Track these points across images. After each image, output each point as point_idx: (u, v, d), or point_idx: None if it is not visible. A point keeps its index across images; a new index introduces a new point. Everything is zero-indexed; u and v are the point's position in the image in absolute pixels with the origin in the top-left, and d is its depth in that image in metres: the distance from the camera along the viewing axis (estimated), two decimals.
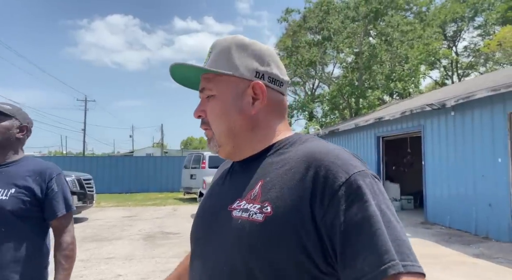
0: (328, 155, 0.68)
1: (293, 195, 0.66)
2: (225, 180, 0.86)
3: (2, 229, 1.45)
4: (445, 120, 7.97)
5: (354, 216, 0.61)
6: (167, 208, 11.95)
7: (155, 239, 6.92)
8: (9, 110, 1.56)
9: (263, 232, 0.66)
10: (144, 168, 18.18)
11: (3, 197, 1.47)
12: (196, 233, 0.84)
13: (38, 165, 1.59)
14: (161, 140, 44.53)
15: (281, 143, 0.78)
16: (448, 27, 26.88)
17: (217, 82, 0.80)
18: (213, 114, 0.80)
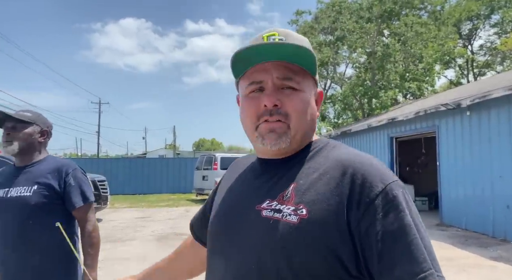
0: (363, 164, 0.70)
1: (329, 200, 0.67)
2: (247, 178, 0.85)
3: (30, 221, 1.61)
4: (461, 120, 7.82)
5: (390, 225, 0.64)
6: (180, 209, 12.03)
7: (168, 240, 6.97)
8: (29, 118, 1.71)
9: (297, 234, 0.67)
10: (157, 170, 18.36)
11: (27, 193, 1.63)
12: (216, 229, 0.83)
13: (57, 163, 1.74)
14: (173, 141, 44.93)
15: (310, 146, 0.80)
16: (463, 26, 26.38)
17: (303, 77, 0.77)
18: (298, 109, 0.76)
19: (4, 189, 1.68)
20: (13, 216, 1.61)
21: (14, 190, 1.65)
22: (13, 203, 1.62)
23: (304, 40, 0.80)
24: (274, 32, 0.78)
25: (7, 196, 1.65)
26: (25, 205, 1.61)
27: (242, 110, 0.82)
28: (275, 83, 0.76)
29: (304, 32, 22.21)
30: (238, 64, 0.78)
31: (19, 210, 1.61)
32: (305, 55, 0.75)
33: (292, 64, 0.75)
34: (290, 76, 0.75)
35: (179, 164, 18.96)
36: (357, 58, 21.48)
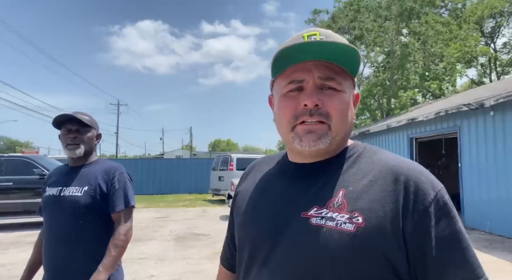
0: (414, 171, 0.71)
1: (384, 208, 0.67)
2: (279, 181, 0.81)
3: (80, 221, 1.67)
4: (484, 120, 7.59)
5: (443, 231, 0.66)
6: (197, 209, 12.12)
7: (186, 240, 7.03)
8: (90, 122, 1.78)
9: (355, 242, 0.66)
10: (174, 170, 18.56)
11: (78, 193, 1.70)
12: (255, 239, 0.78)
13: (106, 165, 1.80)
14: (190, 142, 45.33)
15: (350, 150, 0.78)
16: (486, 23, 25.63)
17: (344, 78, 0.75)
18: (339, 110, 0.74)
19: (58, 188, 1.74)
20: (65, 215, 1.67)
21: (67, 190, 1.72)
22: (66, 202, 1.68)
23: (343, 39, 0.77)
24: (315, 32, 0.76)
25: (61, 195, 1.71)
26: (76, 204, 1.67)
27: (278, 109, 0.79)
28: (316, 83, 0.73)
29: None
30: (278, 62, 0.75)
31: (71, 209, 1.67)
32: (348, 56, 0.73)
33: (334, 64, 0.74)
34: (333, 76, 0.73)
35: (195, 164, 19.12)
36: (375, 57, 21.17)
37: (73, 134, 1.73)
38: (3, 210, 7.87)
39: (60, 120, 1.74)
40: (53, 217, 1.71)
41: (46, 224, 1.74)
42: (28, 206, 7.97)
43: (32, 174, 8.07)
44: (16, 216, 8.05)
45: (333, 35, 0.76)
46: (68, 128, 1.74)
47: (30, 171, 8.10)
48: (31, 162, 8.29)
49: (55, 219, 1.70)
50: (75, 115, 1.73)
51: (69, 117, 1.73)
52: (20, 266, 5.55)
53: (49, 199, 1.74)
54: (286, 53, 0.72)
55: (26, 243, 6.72)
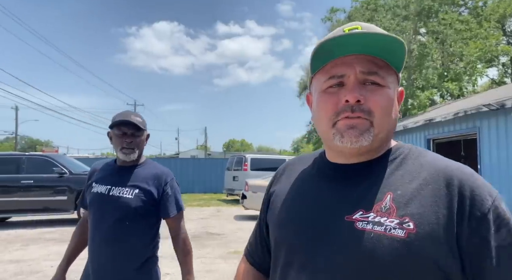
0: (467, 175, 0.67)
1: (437, 213, 0.63)
2: (318, 183, 0.77)
3: (126, 222, 1.69)
4: (505, 121, 7.39)
5: (503, 240, 0.62)
6: (211, 209, 12.19)
7: (200, 239, 7.09)
8: (142, 124, 1.79)
9: (405, 249, 0.62)
10: (189, 170, 18.74)
11: (129, 196, 1.71)
12: (293, 241, 0.75)
13: (157, 170, 1.83)
14: (204, 142, 45.66)
15: (395, 151, 0.75)
16: (508, 22, 24.93)
17: (388, 73, 0.71)
18: (382, 105, 0.70)
19: (106, 186, 1.75)
20: (113, 215, 1.69)
21: (116, 190, 1.72)
22: (114, 202, 1.70)
23: (395, 36, 0.72)
24: (356, 26, 0.71)
25: (109, 194, 1.72)
26: (125, 206, 1.69)
27: (318, 106, 0.75)
28: (358, 77, 0.70)
29: None
30: (317, 58, 0.72)
31: (119, 209, 1.69)
32: (392, 49, 0.69)
33: (377, 58, 0.70)
34: (375, 70, 0.69)
35: (210, 164, 19.26)
36: None
37: (128, 139, 1.74)
38: (24, 207, 8.08)
39: (118, 122, 1.74)
40: (100, 215, 1.72)
41: (93, 221, 1.74)
42: (48, 204, 8.18)
43: (51, 173, 8.26)
44: (36, 213, 8.26)
45: (375, 28, 0.72)
46: (124, 131, 1.74)
47: (50, 169, 8.30)
48: (51, 160, 8.50)
49: (102, 218, 1.71)
50: (132, 120, 1.73)
51: (126, 121, 1.73)
52: (40, 262, 5.71)
53: (97, 197, 1.75)
54: (325, 47, 0.69)
55: (46, 239, 6.90)
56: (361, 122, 0.69)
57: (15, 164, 8.27)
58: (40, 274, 4.76)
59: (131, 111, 1.84)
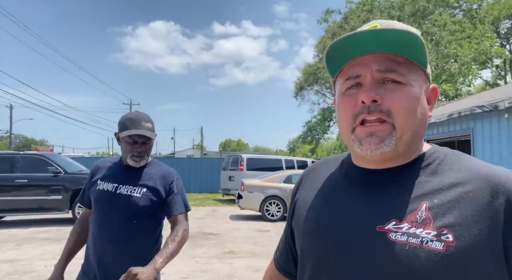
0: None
1: (480, 224, 0.58)
2: (346, 190, 0.73)
3: (134, 221, 1.69)
4: (498, 123, 7.47)
5: None
6: (207, 209, 12.19)
7: (195, 239, 7.08)
8: (153, 129, 1.79)
9: (444, 263, 0.57)
10: (185, 169, 18.70)
11: (137, 194, 1.71)
12: (320, 250, 0.71)
13: (163, 170, 1.84)
14: (200, 142, 45.59)
15: (429, 156, 0.69)
16: (502, 24, 25.17)
17: (410, 70, 0.66)
18: (403, 104, 0.64)
19: (113, 184, 1.74)
20: (119, 212, 1.68)
21: (123, 188, 1.72)
22: (122, 201, 1.69)
23: (411, 28, 0.68)
24: (376, 24, 0.68)
25: (117, 192, 1.71)
26: (133, 205, 1.68)
27: (337, 110, 0.72)
28: (375, 76, 0.65)
29: (334, 32, 21.97)
30: (334, 59, 0.69)
31: (126, 208, 1.68)
32: (411, 44, 0.64)
33: (396, 55, 0.65)
34: (393, 67, 0.65)
35: (206, 164, 19.24)
36: None
37: (139, 148, 1.74)
38: (18, 206, 8.04)
39: (130, 134, 1.71)
40: (106, 213, 1.70)
41: (98, 219, 1.72)
42: (42, 203, 8.13)
43: (46, 172, 8.22)
44: (30, 212, 8.22)
45: (394, 24, 0.68)
46: (135, 139, 1.74)
47: (45, 168, 8.25)
48: (45, 159, 8.45)
49: (108, 216, 1.69)
50: (144, 130, 1.72)
51: (140, 134, 1.72)
52: (34, 262, 5.68)
53: (103, 194, 1.73)
54: (340, 48, 0.66)
55: (40, 239, 6.86)
56: (381, 127, 0.65)
57: (9, 163, 8.22)
58: (34, 274, 4.74)
59: (141, 115, 1.80)
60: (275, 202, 9.82)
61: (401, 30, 0.63)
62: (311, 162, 14.64)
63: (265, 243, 6.87)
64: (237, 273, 4.93)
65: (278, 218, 9.69)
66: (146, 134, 1.72)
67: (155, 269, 1.54)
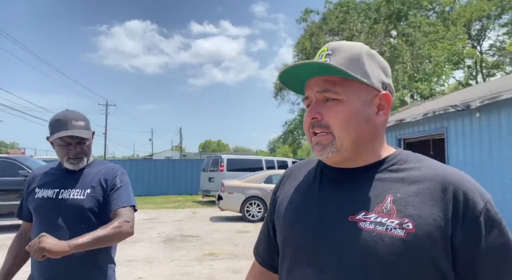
0: (462, 180, 0.73)
1: (434, 215, 0.69)
2: (321, 187, 0.83)
3: (82, 225, 1.57)
4: (470, 122, 7.72)
5: (494, 241, 0.69)
6: (186, 211, 12.05)
7: (174, 242, 6.98)
8: (87, 127, 1.67)
9: (405, 248, 0.68)
10: (164, 171, 18.44)
11: (80, 196, 1.61)
12: (299, 241, 0.80)
13: (106, 167, 1.73)
14: (180, 143, 45.07)
15: (393, 158, 0.80)
16: (473, 26, 26.10)
17: (346, 87, 0.78)
18: (341, 118, 0.77)
19: (54, 190, 1.63)
20: (63, 219, 1.57)
21: (66, 193, 1.61)
22: (64, 206, 1.58)
23: (353, 47, 0.80)
24: (325, 48, 0.82)
25: (58, 198, 1.60)
26: (78, 208, 1.58)
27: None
28: (317, 97, 0.80)
29: (312, 33, 22.18)
30: (293, 84, 0.85)
31: (71, 213, 1.58)
32: (347, 65, 0.77)
33: (332, 76, 0.78)
34: (328, 88, 0.78)
35: (185, 165, 19.01)
36: None
37: (74, 149, 1.63)
38: None
39: (60, 136, 1.60)
40: (50, 222, 1.57)
41: (41, 229, 1.56)
42: (13, 209, 7.79)
43: (17, 175, 7.91)
44: (0, 218, 7.89)
45: (339, 47, 0.80)
46: (67, 141, 1.62)
47: (15, 172, 7.95)
48: (16, 163, 8.13)
49: (52, 224, 1.57)
50: (75, 131, 1.60)
51: (71, 135, 1.60)
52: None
53: (43, 202, 1.61)
54: (294, 74, 0.81)
55: None
56: (324, 138, 0.78)
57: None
58: None
59: (70, 114, 1.66)
60: (256, 202, 9.80)
61: (318, 64, 0.76)
62: (291, 162, 14.71)
63: (245, 244, 6.84)
64: (217, 275, 4.87)
65: (259, 219, 9.68)
66: (77, 134, 1.60)
67: (68, 245, 1.37)
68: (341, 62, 0.77)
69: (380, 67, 0.81)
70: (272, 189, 9.73)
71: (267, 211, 1.01)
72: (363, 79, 0.77)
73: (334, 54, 0.79)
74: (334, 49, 0.80)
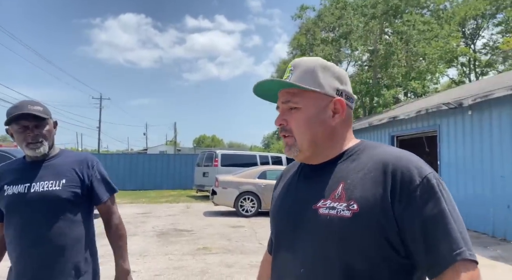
0: (401, 160, 0.82)
1: (375, 195, 0.79)
2: (298, 182, 0.98)
3: (60, 216, 1.57)
4: (462, 120, 7.81)
5: (430, 211, 0.76)
6: (180, 205, 12.05)
7: (168, 236, 7.00)
8: (44, 112, 1.61)
9: (352, 226, 0.79)
10: (158, 166, 18.40)
11: (56, 187, 1.58)
12: (282, 228, 0.95)
13: (78, 156, 1.72)
14: (174, 138, 44.92)
15: (352, 150, 0.92)
16: (468, 24, 26.24)
17: (302, 97, 0.91)
18: (298, 124, 0.91)
19: (24, 184, 1.58)
20: (38, 212, 1.54)
21: (38, 185, 1.57)
22: (38, 198, 1.55)
23: (309, 62, 0.94)
24: (289, 65, 0.97)
25: (30, 191, 1.56)
26: (54, 200, 1.55)
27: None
28: (282, 107, 0.95)
29: (308, 29, 22.15)
30: (267, 95, 1.00)
31: (46, 205, 1.55)
32: (300, 76, 0.92)
33: (291, 89, 0.92)
34: (288, 98, 0.93)
35: (179, 160, 18.98)
36: (360, 56, 21.40)
37: (32, 132, 1.57)
38: None
39: (13, 117, 1.54)
40: (22, 217, 1.54)
41: (16, 227, 1.55)
42: None
43: None
44: None
45: (299, 64, 0.95)
46: (24, 124, 1.56)
47: None
48: (8, 155, 8.06)
49: (26, 220, 1.53)
50: (30, 111, 1.54)
51: (24, 113, 1.53)
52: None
53: (15, 198, 1.56)
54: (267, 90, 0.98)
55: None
56: (288, 140, 0.94)
57: None
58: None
59: (27, 100, 1.64)
60: (250, 198, 9.83)
61: (272, 81, 0.94)
62: (285, 158, 14.77)
63: (239, 239, 6.88)
64: (210, 269, 4.91)
65: (253, 214, 9.72)
66: (32, 112, 1.54)
67: (127, 271, 1.64)
68: (298, 76, 0.92)
69: (334, 76, 0.93)
70: (266, 184, 9.85)
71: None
72: (316, 89, 0.90)
73: (295, 70, 0.94)
74: (295, 66, 0.95)
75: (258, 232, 7.59)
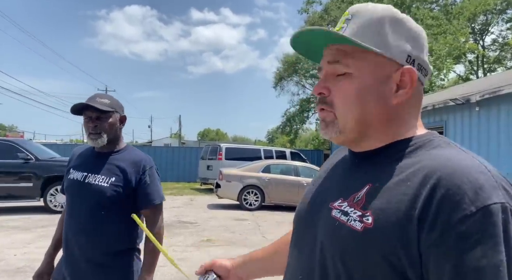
0: (455, 172, 0.56)
1: (399, 212, 0.57)
2: (332, 171, 0.79)
3: (102, 212, 1.61)
4: (469, 116, 7.74)
5: (474, 261, 0.51)
6: (184, 198, 12.11)
7: (172, 228, 7.03)
8: (110, 106, 1.66)
9: (359, 243, 0.61)
10: (162, 158, 18.46)
11: (104, 184, 1.62)
12: (297, 220, 0.81)
13: (136, 157, 1.72)
14: (178, 130, 45.04)
15: (406, 142, 0.67)
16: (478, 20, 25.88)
17: (358, 58, 0.67)
18: (345, 95, 0.67)
19: (83, 173, 1.66)
20: (88, 204, 1.61)
21: (92, 177, 1.64)
22: (90, 191, 1.61)
23: (374, 11, 0.68)
24: (346, 12, 0.71)
25: (85, 182, 1.64)
26: (101, 195, 1.60)
27: None
28: (327, 69, 0.70)
29: (313, 23, 21.99)
30: (308, 52, 0.76)
31: (95, 199, 1.61)
32: (359, 30, 0.66)
33: (344, 45, 0.67)
34: (337, 58, 0.68)
35: (184, 153, 19.05)
36: None
37: (93, 123, 1.63)
38: None
39: (77, 108, 1.64)
40: (76, 203, 1.65)
41: (68, 209, 1.67)
42: (12, 191, 7.85)
43: (16, 158, 7.92)
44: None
45: (360, 11, 0.69)
46: (88, 115, 1.64)
47: (14, 155, 7.94)
48: (15, 146, 8.13)
49: (77, 206, 1.64)
50: (91, 103, 1.61)
51: (84, 105, 1.61)
52: (4, 250, 5.48)
53: (72, 183, 1.67)
54: (306, 39, 0.72)
55: (10, 227, 6.63)
56: (327, 114, 0.70)
57: None
58: (3, 263, 4.59)
59: (99, 94, 1.73)
60: (253, 191, 9.86)
61: (317, 30, 0.67)
62: (289, 153, 14.75)
63: (242, 231, 6.91)
64: None
65: (256, 207, 9.75)
66: (94, 105, 1.60)
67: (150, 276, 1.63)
68: (357, 28, 0.66)
69: (408, 37, 0.67)
70: (269, 178, 9.86)
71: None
72: (380, 50, 0.65)
73: (353, 19, 0.68)
74: (354, 14, 0.69)
75: (261, 225, 7.61)
